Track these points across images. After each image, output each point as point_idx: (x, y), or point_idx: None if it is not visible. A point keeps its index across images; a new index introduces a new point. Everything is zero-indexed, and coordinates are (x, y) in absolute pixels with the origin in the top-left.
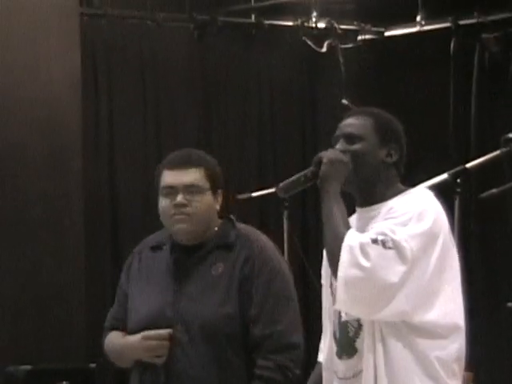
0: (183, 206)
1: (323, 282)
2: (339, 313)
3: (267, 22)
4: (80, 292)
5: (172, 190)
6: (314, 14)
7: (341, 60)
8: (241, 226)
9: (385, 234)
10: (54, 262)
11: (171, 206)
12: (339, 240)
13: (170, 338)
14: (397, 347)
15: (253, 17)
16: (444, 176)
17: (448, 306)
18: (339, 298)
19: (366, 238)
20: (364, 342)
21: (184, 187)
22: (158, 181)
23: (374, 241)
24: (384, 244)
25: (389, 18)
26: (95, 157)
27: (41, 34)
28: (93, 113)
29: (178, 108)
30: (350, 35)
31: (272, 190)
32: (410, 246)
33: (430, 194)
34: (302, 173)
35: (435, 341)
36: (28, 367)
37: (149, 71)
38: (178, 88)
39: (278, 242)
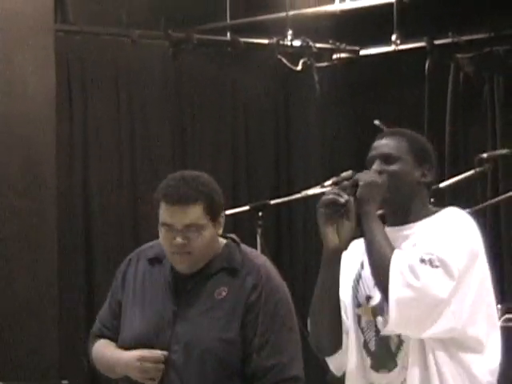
0: (182, 246)
1: (342, 298)
2: (375, 326)
3: (243, 39)
4: (53, 308)
5: (171, 228)
6: (290, 32)
7: (315, 78)
8: (246, 248)
9: (431, 254)
10: (28, 278)
11: (170, 244)
12: (386, 262)
13: (166, 360)
14: (447, 362)
15: (228, 35)
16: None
17: (487, 321)
18: (392, 319)
19: (414, 258)
20: (408, 357)
21: (183, 227)
22: (157, 210)
23: (422, 260)
24: (431, 263)
25: (364, 37)
26: (69, 172)
27: (16, 50)
28: (67, 129)
29: (153, 125)
30: (325, 54)
31: (246, 208)
32: (455, 263)
33: (465, 213)
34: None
35: (477, 355)
36: None
37: (123, 88)
38: (152, 105)
39: None
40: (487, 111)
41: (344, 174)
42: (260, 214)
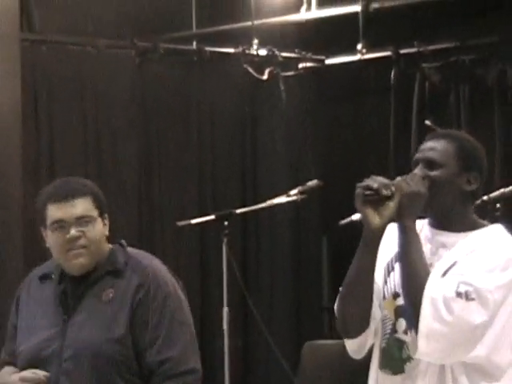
0: (77, 239)
1: (377, 280)
2: (393, 325)
3: (208, 49)
4: None
5: (63, 224)
6: (255, 41)
7: (281, 87)
8: (132, 250)
9: (469, 285)
10: None
11: (64, 240)
12: (419, 287)
13: (48, 381)
14: None
15: (194, 44)
16: None
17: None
18: (421, 349)
19: (450, 290)
20: (418, 371)
21: (75, 220)
22: (42, 216)
23: (458, 294)
24: (467, 296)
25: (330, 46)
26: (35, 184)
27: None
28: (33, 139)
29: (119, 135)
30: (291, 63)
31: (212, 217)
32: (493, 297)
33: (509, 235)
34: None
35: (497, 382)
36: None
37: (89, 97)
38: (118, 115)
39: (218, 270)
40: (453, 120)
41: (310, 183)
42: (226, 223)
